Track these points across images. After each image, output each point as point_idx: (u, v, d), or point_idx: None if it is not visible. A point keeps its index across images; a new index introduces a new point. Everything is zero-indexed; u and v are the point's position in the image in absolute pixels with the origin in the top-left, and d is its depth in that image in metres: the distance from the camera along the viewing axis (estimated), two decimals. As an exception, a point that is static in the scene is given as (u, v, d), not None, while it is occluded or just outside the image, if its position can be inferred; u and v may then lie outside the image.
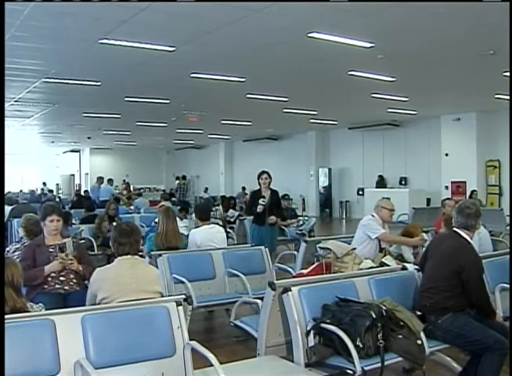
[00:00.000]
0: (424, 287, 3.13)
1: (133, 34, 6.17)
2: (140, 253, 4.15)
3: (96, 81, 8.93)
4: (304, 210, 17.36)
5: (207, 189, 21.07)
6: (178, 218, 5.56)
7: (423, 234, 4.84)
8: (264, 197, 5.98)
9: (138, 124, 15.15)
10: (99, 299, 2.76)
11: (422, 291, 3.14)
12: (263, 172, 6.14)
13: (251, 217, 6.46)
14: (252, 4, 5.21)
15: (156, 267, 3.97)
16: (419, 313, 3.03)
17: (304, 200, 17.90)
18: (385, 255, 4.50)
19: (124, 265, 2.86)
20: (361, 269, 3.93)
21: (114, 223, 6.29)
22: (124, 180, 21.01)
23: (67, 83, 8.84)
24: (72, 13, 5.41)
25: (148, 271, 2.97)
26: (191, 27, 5.90)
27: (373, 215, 4.74)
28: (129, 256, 2.90)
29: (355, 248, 4.33)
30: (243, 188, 18.99)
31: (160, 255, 4.25)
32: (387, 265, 4.18)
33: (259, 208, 5.92)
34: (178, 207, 7.75)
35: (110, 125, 15.58)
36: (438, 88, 10.05)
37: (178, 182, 18.89)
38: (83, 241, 5.70)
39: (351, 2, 5.16)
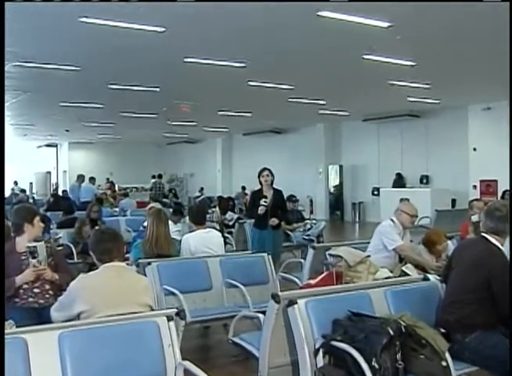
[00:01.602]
0: (448, 300, 3.10)
1: (118, 12, 6.10)
2: (126, 262, 4.17)
3: (75, 66, 8.90)
4: (311, 212, 17.39)
5: (202, 188, 21.13)
6: (170, 222, 5.57)
7: (448, 242, 4.83)
8: (266, 197, 6.00)
9: (124, 115, 15.16)
10: (76, 312, 2.65)
11: (446, 305, 3.11)
12: (264, 169, 6.16)
13: (252, 220, 6.48)
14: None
15: (145, 276, 3.97)
16: (443, 331, 2.99)
17: (311, 201, 17.93)
18: (405, 264, 4.50)
19: (110, 274, 2.84)
20: (376, 280, 3.93)
21: (97, 227, 6.29)
22: (108, 179, 21.07)
23: (42, 67, 8.74)
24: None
25: (136, 280, 2.96)
26: (184, 5, 5.83)
27: (392, 221, 4.72)
28: (115, 263, 2.90)
29: (369, 256, 4.33)
30: (243, 187, 19.02)
31: (149, 264, 4.25)
32: (408, 275, 4.18)
33: (260, 210, 5.94)
34: (171, 210, 7.75)
35: (92, 116, 15.60)
36: (464, 73, 10.02)
37: (153, 181, 18.89)
38: (61, 248, 5.71)
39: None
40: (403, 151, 16.22)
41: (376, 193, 16.48)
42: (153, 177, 19.67)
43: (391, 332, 2.67)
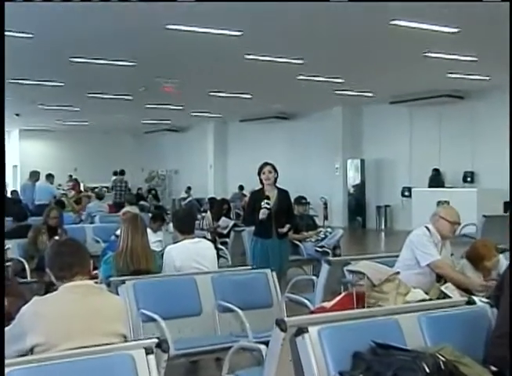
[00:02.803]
0: (500, 330, 3.06)
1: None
2: (95, 280, 4.16)
3: (27, 33, 8.88)
4: (326, 218, 17.45)
5: (189, 188, 21.19)
6: (149, 230, 5.59)
7: (500, 256, 4.83)
8: (268, 199, 6.03)
9: (91, 96, 15.20)
10: (29, 345, 2.62)
11: (497, 336, 3.07)
12: (266, 164, 6.19)
13: (251, 227, 6.50)
14: None
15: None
16: (494, 369, 2.98)
17: (326, 204, 17.98)
18: (445, 283, 4.51)
19: (73, 296, 2.81)
20: (408, 302, 3.92)
21: (57, 237, 6.30)
22: (71, 176, 21.15)
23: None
24: None
25: (106, 303, 2.94)
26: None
27: (428, 229, 4.72)
28: (79, 282, 2.90)
29: (398, 273, 4.34)
30: (241, 187, 19.08)
31: (124, 282, 4.26)
32: (448, 297, 4.18)
33: (262, 214, 5.96)
34: (150, 215, 7.79)
35: (50, 97, 15.63)
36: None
37: (114, 178, 18.84)
38: (9, 263, 5.72)
39: None
40: (442, 141, 16.25)
41: (406, 194, 16.52)
42: (115, 173, 19.64)
43: (427, 369, 2.66)
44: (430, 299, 4.17)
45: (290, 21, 8.49)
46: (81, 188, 19.16)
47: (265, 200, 6.00)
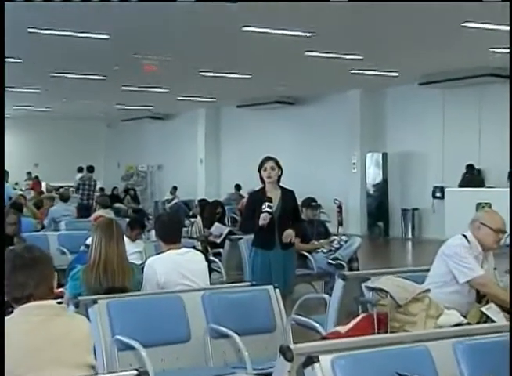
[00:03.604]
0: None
1: None
2: (59, 300, 4.16)
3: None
4: (340, 224, 17.42)
5: (175, 188, 21.20)
6: (126, 239, 5.59)
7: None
8: (270, 201, 6.03)
9: (56, 75, 15.19)
10: None
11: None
12: (267, 159, 6.19)
13: (250, 235, 6.51)
14: None
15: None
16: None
17: (340, 207, 17.95)
18: (486, 303, 4.50)
19: (31, 320, 2.83)
20: (440, 327, 3.93)
21: (11, 248, 6.28)
22: (30, 173, 21.17)
23: None
24: None
25: (71, 328, 2.94)
26: None
27: (466, 238, 4.73)
28: (38, 303, 2.90)
29: (428, 290, 4.35)
30: (237, 187, 19.08)
31: (95, 302, 4.27)
32: (491, 321, 4.18)
33: (263, 219, 5.96)
34: (128, 221, 7.80)
35: (5, 76, 15.59)
36: None
37: (79, 176, 18.79)
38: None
39: None
40: (482, 131, 16.21)
41: (438, 195, 16.52)
42: (80, 170, 19.53)
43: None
44: (469, 323, 4.17)
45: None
46: (43, 188, 19.15)
47: (267, 203, 5.99)
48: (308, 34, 11.09)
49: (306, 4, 9.35)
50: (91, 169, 17.83)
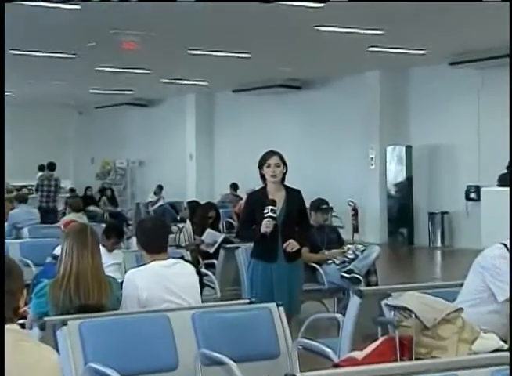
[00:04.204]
0: None
1: None
2: (21, 321, 4.15)
3: None
4: (356, 230, 17.48)
5: (160, 188, 21.16)
6: (102, 249, 5.59)
7: None
8: (273, 203, 6.04)
9: (16, 53, 15.15)
10: None
11: None
12: (270, 154, 6.19)
13: (249, 244, 6.56)
14: None
15: (56, 348, 3.97)
16: None
17: (355, 210, 17.97)
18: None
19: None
20: (475, 353, 3.92)
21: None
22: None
23: None
24: None
25: (41, 356, 2.97)
26: None
27: (505, 246, 4.73)
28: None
29: (461, 309, 4.35)
30: (234, 186, 19.04)
31: (65, 323, 4.26)
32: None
33: (265, 226, 5.98)
34: (104, 227, 7.80)
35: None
36: None
37: (40, 174, 18.73)
38: None
39: None
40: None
41: (473, 196, 16.51)
42: (41, 168, 19.43)
43: None
44: (510, 349, 4.17)
45: None
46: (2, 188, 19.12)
47: (270, 207, 6.01)
48: (318, 5, 11.06)
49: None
50: (52, 167, 17.79)
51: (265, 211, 5.98)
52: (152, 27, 12.83)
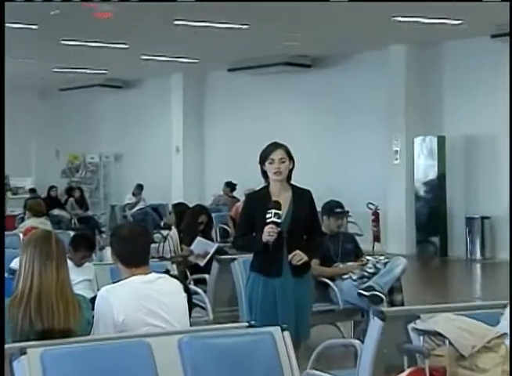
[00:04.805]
0: None
1: None
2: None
3: None
4: (376, 239, 17.49)
5: (140, 187, 21.15)
6: (70, 263, 5.62)
7: None
8: (278, 206, 6.05)
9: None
10: None
11: None
12: (274, 147, 6.21)
13: (248, 255, 6.57)
14: None
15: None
16: None
17: (377, 215, 17.97)
18: None
19: None
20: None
21: None
22: None
23: None
24: None
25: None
26: None
27: None
28: None
29: (506, 335, 4.37)
30: (229, 185, 19.05)
31: (24, 352, 4.26)
32: None
33: (268, 234, 5.98)
34: (72, 235, 7.81)
35: None
36: None
37: None
38: None
39: None
40: None
41: (520, 198, 16.49)
42: None
43: None
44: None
45: None
46: None
47: (273, 210, 6.01)
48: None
49: None
50: None
51: (268, 215, 5.98)
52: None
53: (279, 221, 5.99)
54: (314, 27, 16.07)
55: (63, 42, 17.21)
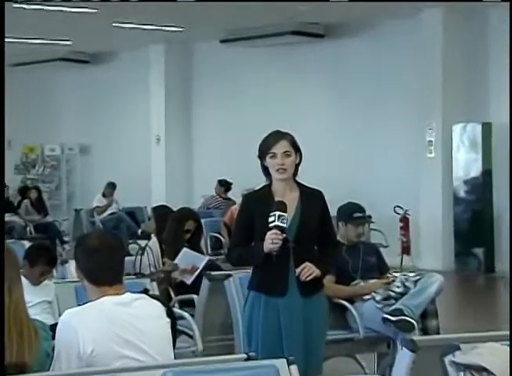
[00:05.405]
0: None
1: None
2: None
3: None
4: (406, 251, 17.54)
5: (113, 187, 21.18)
6: (25, 281, 5.70)
7: None
8: (282, 208, 6.08)
9: None
10: None
11: None
12: (277, 137, 6.24)
13: (246, 270, 6.65)
14: None
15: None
16: None
17: (406, 220, 17.97)
18: None
19: None
20: None
21: None
22: None
23: None
24: None
25: None
26: None
27: None
28: None
29: None
30: (223, 184, 19.09)
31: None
32: None
33: (271, 241, 6.00)
34: (28, 247, 7.82)
35: None
36: None
37: None
38: None
39: None
40: None
41: None
42: None
43: None
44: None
45: None
46: None
47: (277, 212, 6.04)
48: None
49: None
50: None
51: (271, 218, 6.00)
52: None
53: (284, 225, 6.00)
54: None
55: (14, 5, 17.19)
